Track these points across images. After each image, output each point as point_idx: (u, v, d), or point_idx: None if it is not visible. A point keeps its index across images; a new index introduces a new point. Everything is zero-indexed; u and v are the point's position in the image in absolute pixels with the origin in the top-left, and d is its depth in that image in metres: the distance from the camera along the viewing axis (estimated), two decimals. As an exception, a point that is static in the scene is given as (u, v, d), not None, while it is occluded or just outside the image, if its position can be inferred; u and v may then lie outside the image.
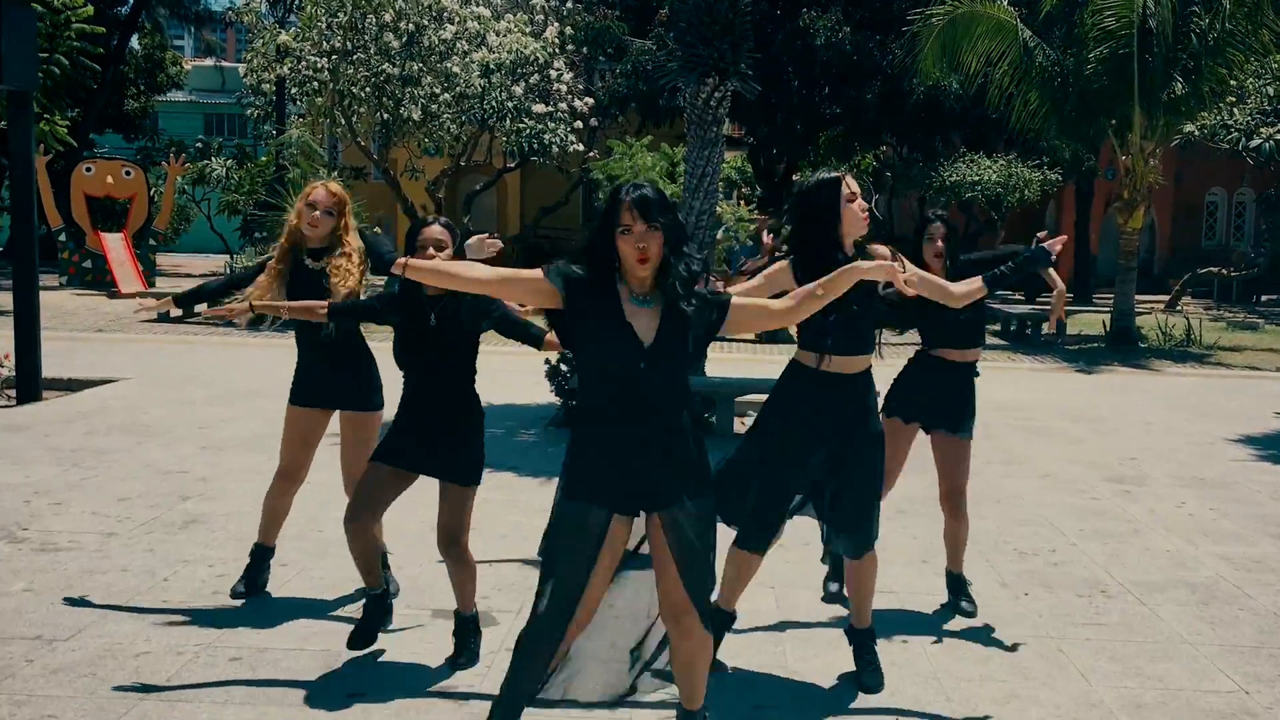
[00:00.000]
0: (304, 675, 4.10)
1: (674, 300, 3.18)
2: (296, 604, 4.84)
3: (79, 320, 16.65)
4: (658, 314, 3.19)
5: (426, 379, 4.18)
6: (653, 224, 3.12)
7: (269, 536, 4.98)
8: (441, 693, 4.00)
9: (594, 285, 3.20)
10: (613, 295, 3.20)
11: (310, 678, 4.08)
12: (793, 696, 4.07)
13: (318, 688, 4.00)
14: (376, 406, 4.83)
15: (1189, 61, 15.73)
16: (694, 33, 9.61)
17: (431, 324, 4.08)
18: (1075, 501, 7.12)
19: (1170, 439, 9.46)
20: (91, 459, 7.50)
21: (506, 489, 6.97)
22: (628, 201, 3.13)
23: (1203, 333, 17.79)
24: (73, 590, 4.91)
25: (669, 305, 3.18)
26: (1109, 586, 5.39)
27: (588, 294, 3.20)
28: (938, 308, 4.34)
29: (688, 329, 3.19)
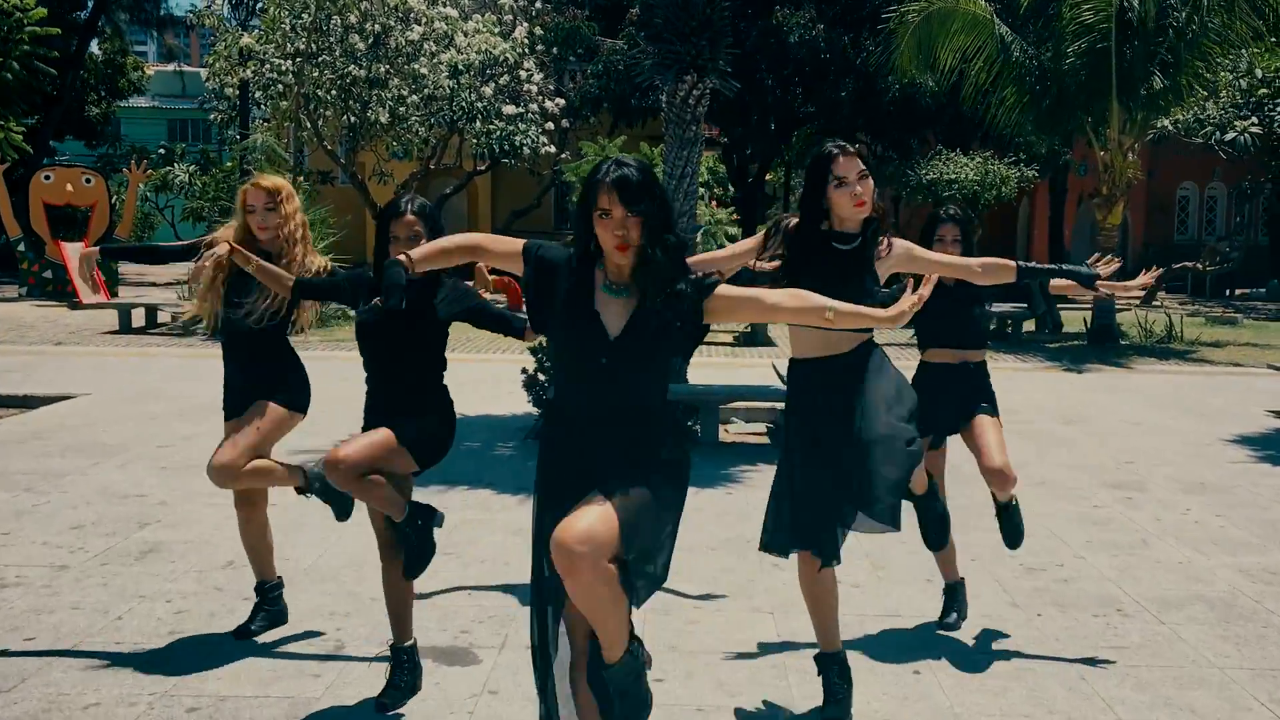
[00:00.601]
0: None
1: (648, 293, 2.89)
2: (258, 644, 4.48)
3: (37, 333, 16.14)
4: (630, 305, 2.91)
5: (391, 370, 3.89)
6: (634, 209, 2.83)
7: (264, 572, 4.64)
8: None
9: (570, 270, 2.96)
10: (587, 282, 2.94)
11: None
12: (802, 739, 3.76)
13: (283, 742, 3.65)
14: (294, 407, 4.46)
15: (1168, 55, 15.57)
16: (670, 29, 9.31)
17: (402, 309, 3.75)
18: (1077, 510, 6.86)
19: (1164, 440, 9.23)
20: (44, 483, 7.10)
21: (484, 507, 6.64)
22: (607, 182, 2.84)
23: (1183, 329, 17.64)
24: (18, 632, 4.54)
25: (644, 297, 2.90)
26: (1124, 604, 5.11)
27: (560, 277, 2.96)
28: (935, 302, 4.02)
29: (666, 324, 2.90)
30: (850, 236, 3.72)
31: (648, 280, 2.88)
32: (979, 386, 4.77)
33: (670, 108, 9.30)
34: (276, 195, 4.33)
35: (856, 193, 3.64)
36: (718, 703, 3.96)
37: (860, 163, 3.67)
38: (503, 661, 4.34)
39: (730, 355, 15.33)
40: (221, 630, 4.60)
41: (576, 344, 2.92)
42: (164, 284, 26.56)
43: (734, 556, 5.76)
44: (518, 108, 22.04)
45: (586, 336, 2.89)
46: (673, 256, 2.89)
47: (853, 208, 3.66)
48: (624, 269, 2.90)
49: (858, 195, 3.64)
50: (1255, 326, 20.33)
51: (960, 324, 4.71)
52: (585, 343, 2.89)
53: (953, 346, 4.75)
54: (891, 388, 3.77)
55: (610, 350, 2.87)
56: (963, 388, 4.74)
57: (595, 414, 2.92)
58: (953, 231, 4.63)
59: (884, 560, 5.67)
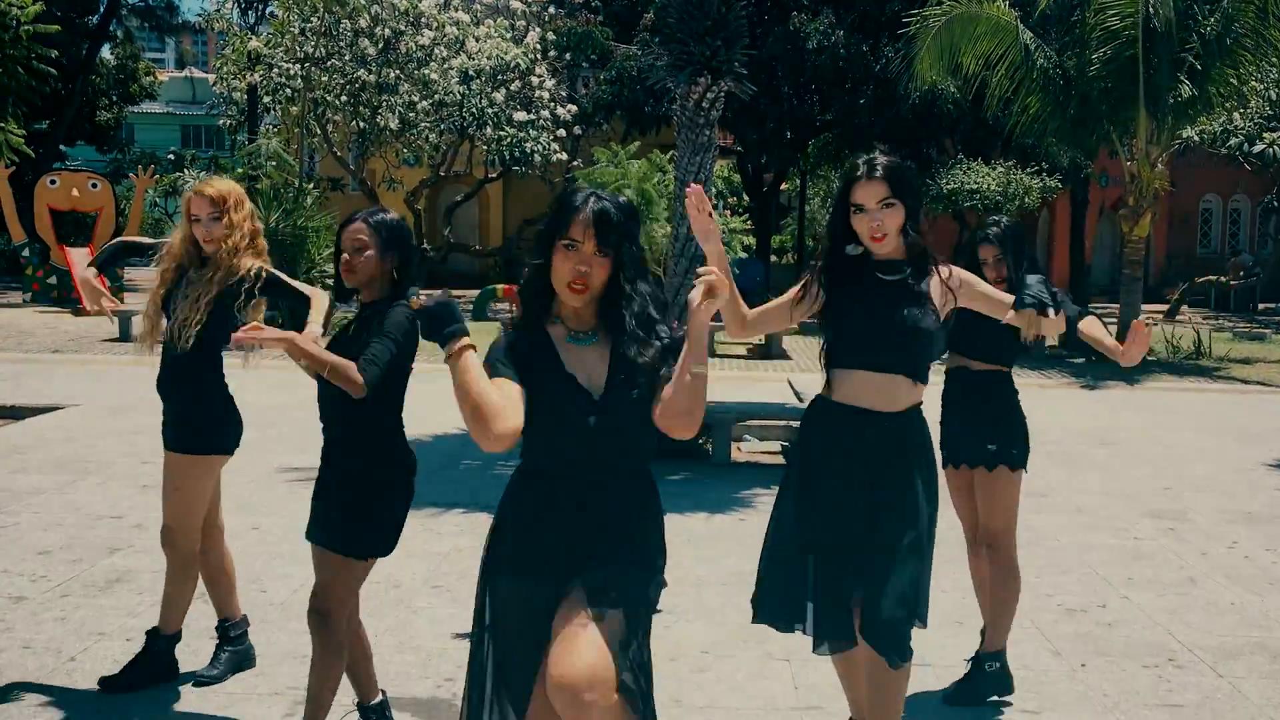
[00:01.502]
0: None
1: (622, 337, 2.53)
2: (220, 692, 4.05)
3: (36, 340, 15.81)
4: (606, 353, 2.55)
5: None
6: (604, 249, 2.47)
7: (225, 609, 4.24)
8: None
9: (529, 328, 2.58)
10: (544, 336, 2.56)
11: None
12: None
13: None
14: (198, 450, 4.07)
15: (1196, 63, 15.08)
16: (684, 29, 8.90)
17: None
18: (1117, 543, 6.39)
19: (1202, 465, 8.74)
20: (14, 503, 6.70)
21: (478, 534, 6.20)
22: (586, 213, 2.49)
23: (1211, 344, 17.13)
24: (-42, 675, 4.13)
25: (616, 342, 2.54)
26: (1177, 654, 4.65)
27: (526, 344, 2.56)
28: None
29: (638, 370, 2.52)
30: (896, 265, 3.22)
31: (621, 319, 2.52)
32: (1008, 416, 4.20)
33: (683, 111, 8.90)
34: (222, 204, 3.92)
35: (876, 224, 3.14)
36: (728, 771, 3.52)
37: (886, 188, 3.13)
38: (489, 716, 3.89)
39: (744, 369, 14.90)
40: (181, 674, 4.17)
41: (557, 409, 2.50)
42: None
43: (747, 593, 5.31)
44: (529, 114, 21.71)
45: (566, 400, 2.50)
46: (646, 304, 2.54)
47: (870, 240, 3.17)
48: (581, 313, 2.54)
49: (877, 227, 3.14)
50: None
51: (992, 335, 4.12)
52: (566, 407, 2.50)
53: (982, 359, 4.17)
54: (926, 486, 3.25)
55: (597, 409, 2.49)
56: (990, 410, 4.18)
57: (581, 479, 2.54)
58: (993, 251, 4.10)
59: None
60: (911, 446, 3.22)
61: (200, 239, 3.95)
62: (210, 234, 3.91)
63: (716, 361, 15.25)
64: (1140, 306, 16.64)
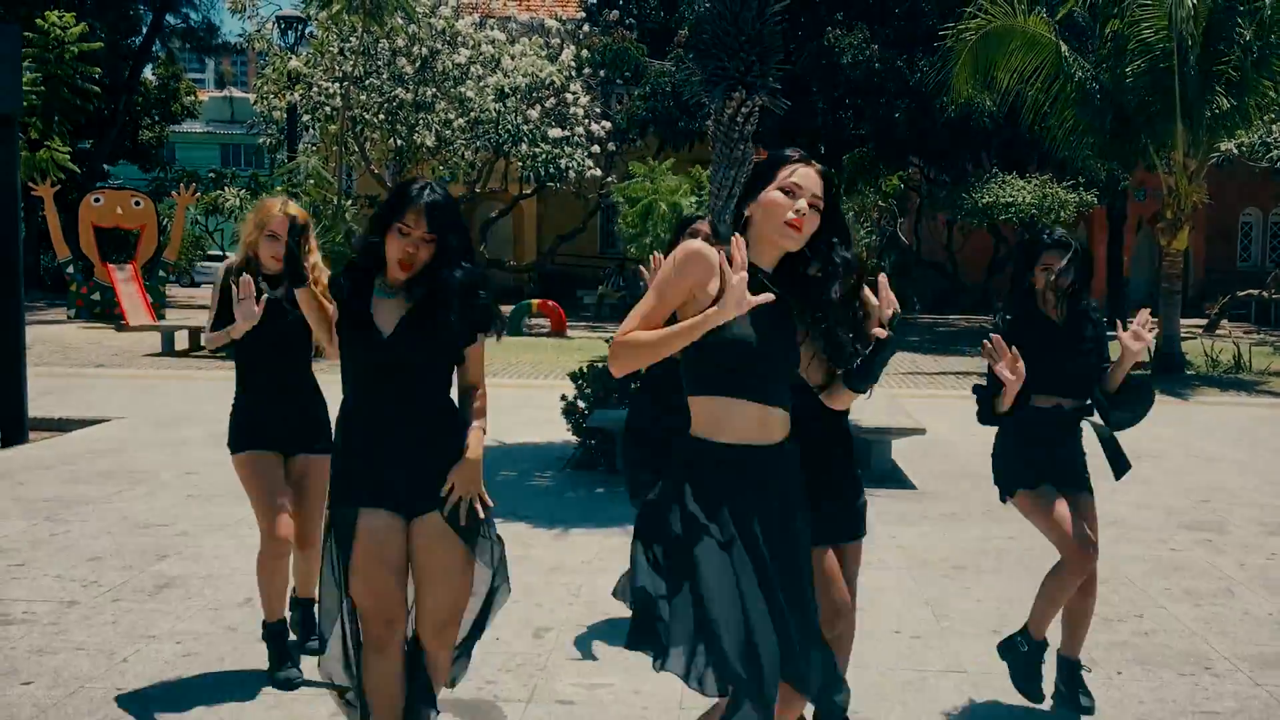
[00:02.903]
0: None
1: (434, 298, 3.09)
2: (268, 692, 4.15)
3: (81, 355, 16.09)
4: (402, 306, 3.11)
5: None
6: (432, 234, 3.04)
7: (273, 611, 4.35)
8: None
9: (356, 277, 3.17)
10: (364, 289, 3.15)
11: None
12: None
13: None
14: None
15: (1234, 75, 15.01)
16: (718, 45, 8.98)
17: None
18: (1154, 554, 6.39)
19: (1242, 477, 8.70)
20: (65, 511, 6.86)
21: (519, 542, 6.28)
22: (423, 205, 3.03)
23: (1251, 358, 16.97)
24: (16, 676, 4.25)
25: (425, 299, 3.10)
26: (1214, 663, 4.65)
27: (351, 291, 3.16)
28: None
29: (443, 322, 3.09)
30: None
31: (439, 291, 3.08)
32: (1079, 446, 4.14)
33: (718, 126, 8.96)
34: (305, 229, 4.01)
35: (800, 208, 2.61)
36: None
37: (819, 185, 2.64)
38: (530, 716, 3.98)
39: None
40: (230, 675, 4.27)
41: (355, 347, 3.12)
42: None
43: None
44: (564, 131, 21.86)
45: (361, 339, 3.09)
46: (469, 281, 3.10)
47: (787, 225, 2.61)
48: (399, 280, 3.09)
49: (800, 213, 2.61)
50: (1326, 356, 19.56)
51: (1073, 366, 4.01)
52: (361, 345, 3.10)
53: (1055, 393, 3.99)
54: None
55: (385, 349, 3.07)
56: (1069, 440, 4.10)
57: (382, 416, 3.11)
58: (1057, 260, 3.90)
59: (945, 609, 5.25)
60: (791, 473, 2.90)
61: (269, 255, 4.08)
62: (280, 254, 3.98)
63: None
64: (1179, 320, 16.54)
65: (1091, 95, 15.67)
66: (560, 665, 4.47)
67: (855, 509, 3.60)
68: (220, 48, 38.71)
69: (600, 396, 8.62)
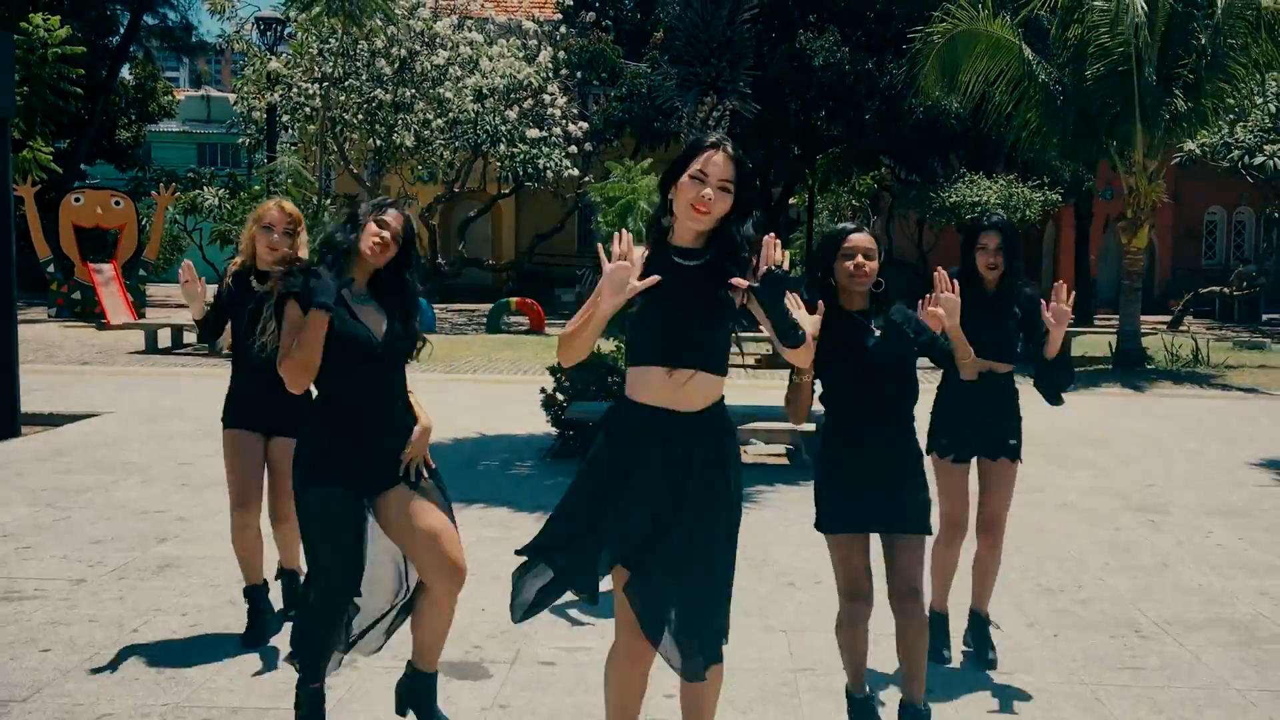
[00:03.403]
0: (278, 739, 3.76)
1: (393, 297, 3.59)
2: (271, 654, 4.49)
3: (65, 353, 16.31)
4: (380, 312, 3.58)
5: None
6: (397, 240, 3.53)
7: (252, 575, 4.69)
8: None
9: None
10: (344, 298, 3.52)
11: (285, 742, 3.74)
12: (813, 757, 3.72)
13: (293, 754, 3.66)
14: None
15: (1189, 77, 15.50)
16: (690, 51, 9.34)
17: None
18: (1099, 533, 6.80)
19: (1189, 464, 9.14)
20: (65, 499, 7.16)
21: (501, 525, 6.64)
22: (379, 217, 3.54)
23: (1210, 353, 17.49)
24: (34, 644, 4.57)
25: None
26: (1143, 626, 5.05)
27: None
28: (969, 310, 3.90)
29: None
30: (696, 252, 3.00)
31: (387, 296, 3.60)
32: (1011, 410, 4.54)
33: (690, 129, 9.32)
34: (297, 223, 4.43)
35: (704, 195, 2.89)
36: (724, 716, 3.93)
37: (730, 170, 2.90)
38: (514, 677, 4.33)
39: (751, 378, 15.28)
40: (232, 642, 4.61)
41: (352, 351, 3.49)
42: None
43: (750, 578, 5.73)
44: (541, 131, 22.18)
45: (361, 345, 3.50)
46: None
47: (694, 208, 2.91)
48: (360, 281, 3.55)
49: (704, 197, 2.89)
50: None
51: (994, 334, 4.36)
52: (360, 351, 3.49)
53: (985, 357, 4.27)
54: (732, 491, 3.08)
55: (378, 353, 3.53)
56: (994, 406, 4.48)
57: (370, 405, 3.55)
58: (994, 239, 4.35)
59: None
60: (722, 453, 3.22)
61: (266, 246, 4.40)
62: (279, 248, 4.35)
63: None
64: (1139, 317, 17.04)
65: (1054, 97, 16.13)
66: (541, 632, 4.82)
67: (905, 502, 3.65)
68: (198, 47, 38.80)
69: (579, 389, 8.97)
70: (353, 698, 4.10)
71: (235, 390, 4.66)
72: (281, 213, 4.47)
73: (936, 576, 4.57)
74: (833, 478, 3.67)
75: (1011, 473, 4.52)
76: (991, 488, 4.51)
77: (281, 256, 4.20)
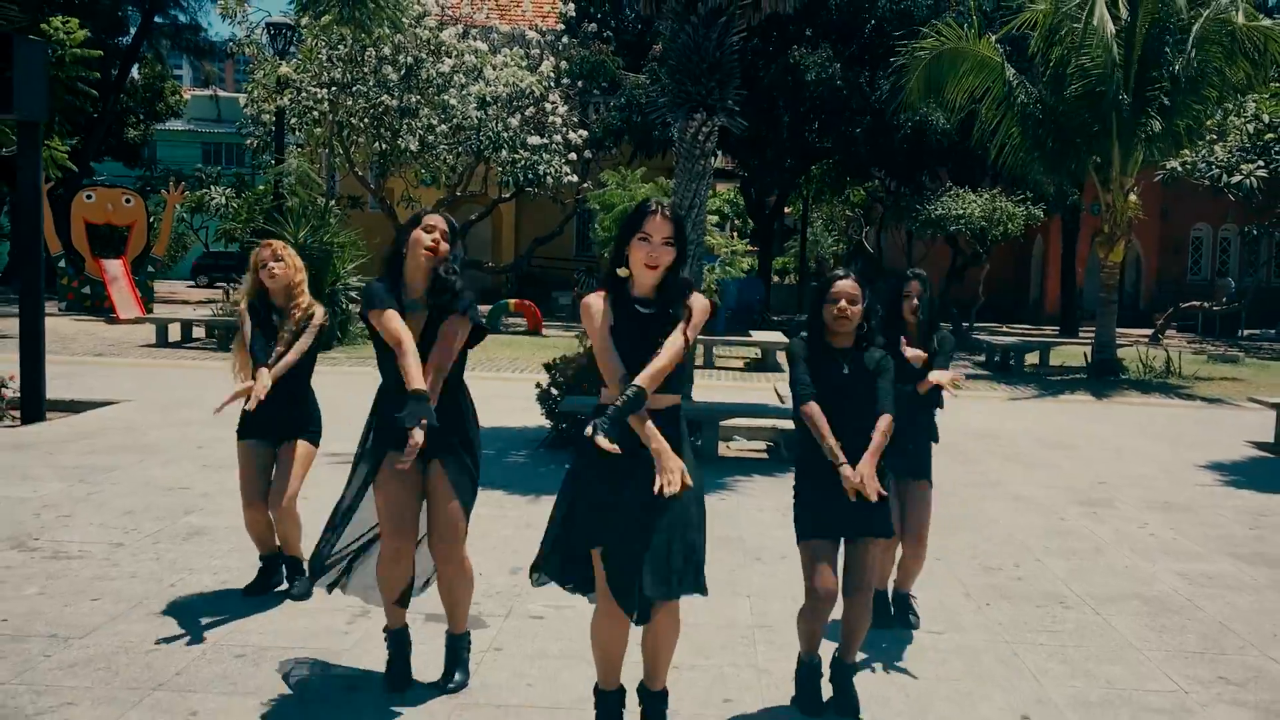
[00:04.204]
0: (304, 668, 4.38)
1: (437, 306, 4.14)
2: (297, 607, 5.11)
3: (79, 345, 16.92)
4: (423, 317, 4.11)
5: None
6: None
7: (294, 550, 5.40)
8: (434, 686, 4.26)
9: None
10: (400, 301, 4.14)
11: (309, 673, 4.36)
12: (761, 691, 4.34)
13: (317, 681, 4.28)
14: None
15: (1164, 99, 16.16)
16: (682, 70, 9.98)
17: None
18: (1044, 522, 7.42)
19: (1141, 465, 9.77)
20: (96, 475, 7.78)
21: (497, 505, 7.25)
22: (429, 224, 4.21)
23: (1182, 365, 18.13)
24: (84, 594, 5.19)
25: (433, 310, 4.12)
26: (1067, 599, 5.68)
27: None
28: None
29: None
30: (650, 301, 3.68)
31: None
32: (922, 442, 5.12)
33: (681, 143, 9.95)
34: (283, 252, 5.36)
35: (654, 254, 3.62)
36: (691, 662, 4.55)
37: (671, 229, 3.62)
38: (507, 627, 4.95)
39: (740, 380, 15.92)
40: (260, 597, 5.22)
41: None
42: (195, 302, 27.41)
43: (723, 552, 6.35)
44: (542, 138, 22.82)
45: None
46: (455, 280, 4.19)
47: (644, 266, 3.63)
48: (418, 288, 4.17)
49: (655, 257, 3.62)
50: (1257, 365, 20.78)
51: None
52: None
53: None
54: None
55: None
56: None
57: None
58: (918, 289, 5.04)
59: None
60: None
61: (267, 279, 5.28)
62: (273, 272, 5.31)
63: (713, 373, 16.31)
64: (1115, 329, 17.69)
65: (1034, 116, 16.80)
66: (532, 593, 5.43)
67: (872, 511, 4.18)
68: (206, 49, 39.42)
69: (571, 385, 9.59)
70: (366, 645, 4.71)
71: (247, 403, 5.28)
72: (270, 250, 5.33)
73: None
74: (806, 490, 4.24)
75: (927, 490, 5.13)
76: (912, 505, 5.12)
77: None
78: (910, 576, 5.23)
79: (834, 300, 4.17)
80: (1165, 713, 4.25)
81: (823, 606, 4.10)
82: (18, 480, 7.57)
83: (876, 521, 4.13)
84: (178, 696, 4.07)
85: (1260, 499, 8.47)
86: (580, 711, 4.03)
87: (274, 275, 5.25)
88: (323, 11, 17.01)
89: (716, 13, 9.78)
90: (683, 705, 4.11)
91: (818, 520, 4.13)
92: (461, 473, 4.22)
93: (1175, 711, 4.26)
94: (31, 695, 4.04)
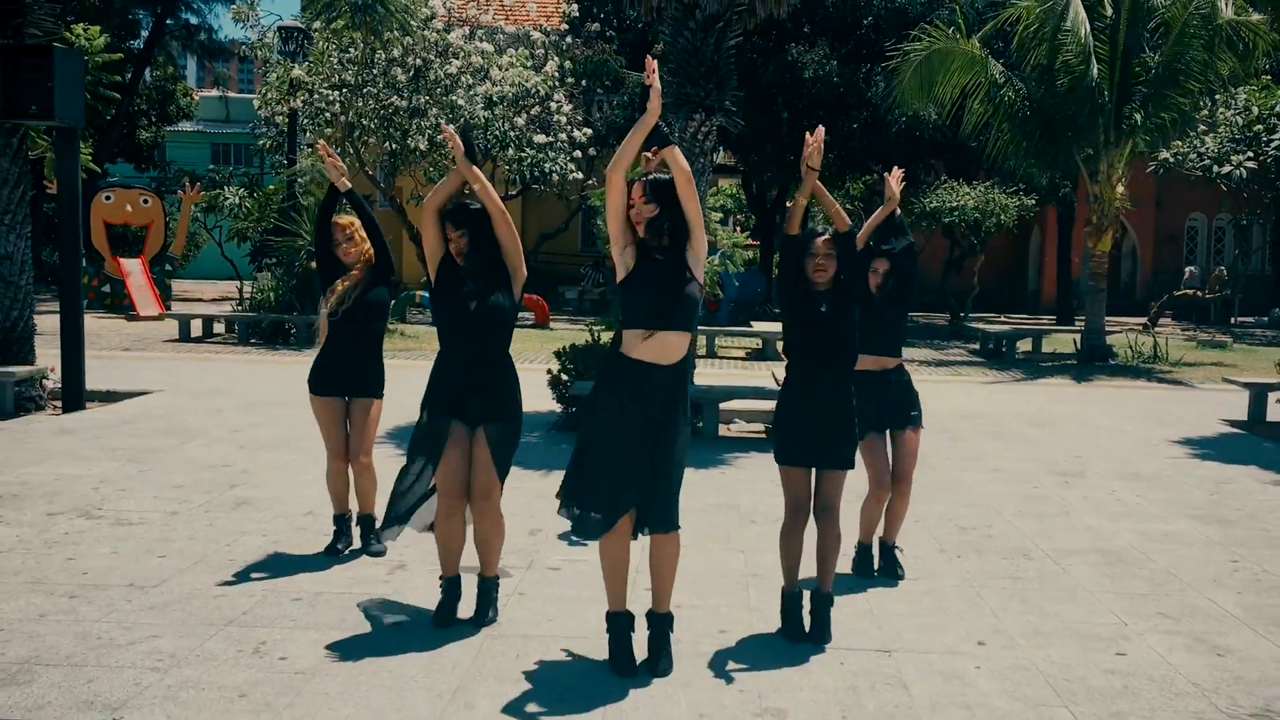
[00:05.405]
0: (354, 610, 5.01)
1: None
2: (342, 559, 5.75)
3: (105, 340, 17.56)
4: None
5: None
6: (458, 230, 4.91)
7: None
8: (469, 619, 4.89)
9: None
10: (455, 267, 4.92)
11: (359, 612, 4.99)
12: (751, 625, 4.97)
13: (367, 617, 4.91)
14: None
15: (1147, 91, 16.75)
16: (682, 73, 10.59)
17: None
18: (1019, 490, 8.04)
19: (1117, 441, 10.37)
20: (143, 456, 8.42)
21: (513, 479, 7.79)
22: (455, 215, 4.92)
23: (1169, 350, 18.72)
24: (151, 553, 5.83)
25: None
26: (1031, 552, 6.30)
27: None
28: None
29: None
30: (662, 248, 4.43)
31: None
32: (905, 396, 5.76)
33: (680, 142, 10.56)
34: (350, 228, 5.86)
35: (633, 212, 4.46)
36: (692, 603, 5.18)
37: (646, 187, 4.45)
38: (529, 577, 5.59)
39: (741, 368, 16.53)
40: (308, 558, 5.86)
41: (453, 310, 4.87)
42: (210, 299, 28.06)
43: (720, 515, 7.00)
44: (548, 137, 23.43)
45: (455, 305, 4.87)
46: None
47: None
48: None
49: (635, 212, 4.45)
50: (1244, 351, 21.36)
51: (886, 327, 5.68)
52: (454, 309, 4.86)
53: (870, 353, 5.52)
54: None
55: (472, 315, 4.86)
56: (888, 394, 5.68)
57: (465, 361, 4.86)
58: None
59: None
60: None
61: (341, 253, 5.87)
62: (349, 250, 5.89)
63: (715, 362, 16.94)
64: (1104, 316, 18.28)
65: (1021, 111, 17.40)
66: (549, 549, 6.08)
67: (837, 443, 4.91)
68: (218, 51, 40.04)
69: (580, 371, 10.21)
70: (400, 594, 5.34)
71: (321, 359, 5.92)
72: (341, 231, 5.96)
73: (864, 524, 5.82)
74: (785, 418, 4.91)
75: (915, 439, 5.76)
76: (900, 448, 5.75)
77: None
78: (897, 521, 5.82)
79: (814, 254, 4.82)
80: (1105, 639, 4.87)
81: (797, 521, 4.92)
82: (72, 460, 8.21)
83: (838, 453, 4.87)
84: (247, 630, 4.70)
85: (1225, 469, 9.07)
86: (594, 640, 4.65)
87: (348, 253, 5.90)
88: (334, 17, 17.65)
89: (714, 18, 10.41)
90: (685, 635, 4.73)
91: (790, 448, 4.90)
92: (501, 442, 4.91)
93: (1114, 639, 4.88)
94: (122, 630, 4.68)
